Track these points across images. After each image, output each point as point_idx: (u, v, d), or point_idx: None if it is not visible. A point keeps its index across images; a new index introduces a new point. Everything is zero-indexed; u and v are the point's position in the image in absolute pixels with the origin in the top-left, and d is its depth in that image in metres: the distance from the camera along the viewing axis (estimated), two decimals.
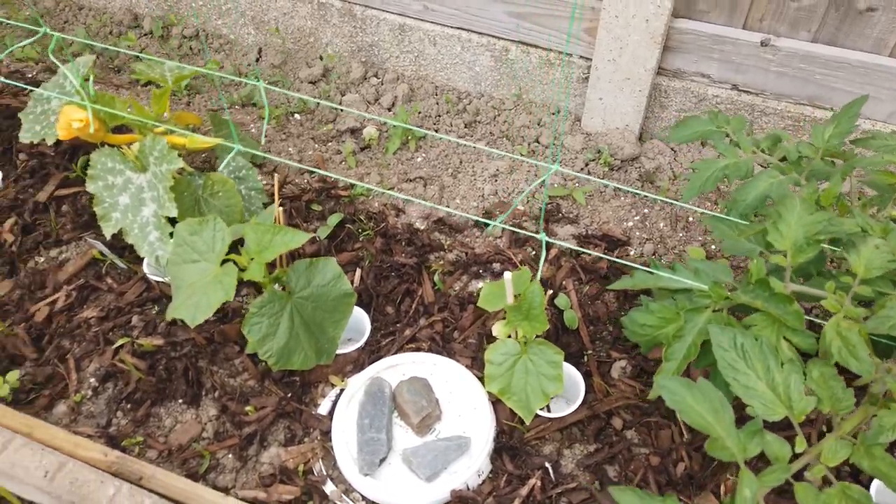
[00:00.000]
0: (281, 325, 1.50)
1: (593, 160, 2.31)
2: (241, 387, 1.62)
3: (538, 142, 2.39)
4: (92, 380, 1.62)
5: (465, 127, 2.47)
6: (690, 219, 2.06)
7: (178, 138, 1.86)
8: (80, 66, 1.89)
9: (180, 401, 1.59)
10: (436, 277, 1.85)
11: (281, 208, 1.56)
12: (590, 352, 1.68)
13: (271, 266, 1.53)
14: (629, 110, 2.34)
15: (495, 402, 1.58)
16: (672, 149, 2.39)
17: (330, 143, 2.36)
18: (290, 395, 1.60)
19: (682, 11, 2.17)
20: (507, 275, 1.42)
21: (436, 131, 2.47)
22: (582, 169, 2.29)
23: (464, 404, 1.58)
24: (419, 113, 2.50)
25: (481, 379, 1.63)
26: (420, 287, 1.83)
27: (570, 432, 1.54)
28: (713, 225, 1.46)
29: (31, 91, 1.91)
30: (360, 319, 1.74)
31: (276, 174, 1.64)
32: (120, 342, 1.66)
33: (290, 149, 2.29)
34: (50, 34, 1.46)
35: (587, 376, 1.63)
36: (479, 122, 2.49)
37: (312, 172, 2.19)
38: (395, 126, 2.37)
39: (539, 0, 2.28)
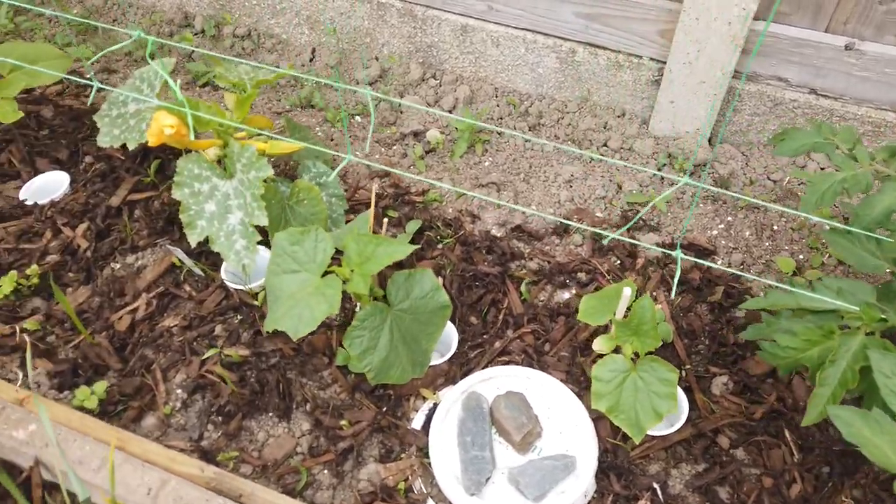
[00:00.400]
0: (381, 338, 1.46)
1: (665, 165, 2.26)
2: (332, 400, 1.58)
3: (606, 146, 2.34)
4: (180, 391, 1.58)
5: (530, 130, 2.42)
6: (775, 227, 2.01)
7: (259, 143, 1.81)
8: (160, 69, 1.84)
9: (272, 414, 1.55)
10: (522, 287, 1.80)
11: (376, 217, 1.52)
12: (687, 367, 1.63)
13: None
14: (702, 114, 2.29)
15: (596, 419, 1.53)
16: (743, 153, 2.34)
17: (395, 147, 2.32)
18: (384, 408, 1.56)
19: (762, 14, 2.12)
20: (627, 290, 1.37)
21: (499, 134, 2.42)
22: (654, 175, 2.24)
23: (564, 421, 1.54)
24: (481, 116, 2.45)
25: (579, 394, 1.59)
26: (505, 297, 1.79)
27: (675, 451, 1.50)
28: (831, 240, 1.41)
29: (100, 91, 1.87)
30: (447, 331, 1.70)
31: (374, 182, 1.59)
32: (209, 353, 1.62)
33: (356, 152, 2.25)
34: (144, 37, 1.41)
35: (687, 392, 1.58)
36: (543, 124, 2.44)
37: (384, 177, 2.15)
38: (460, 130, 2.33)
39: (611, 1, 2.23)
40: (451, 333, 1.70)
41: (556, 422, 1.54)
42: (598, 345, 1.53)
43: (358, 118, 2.46)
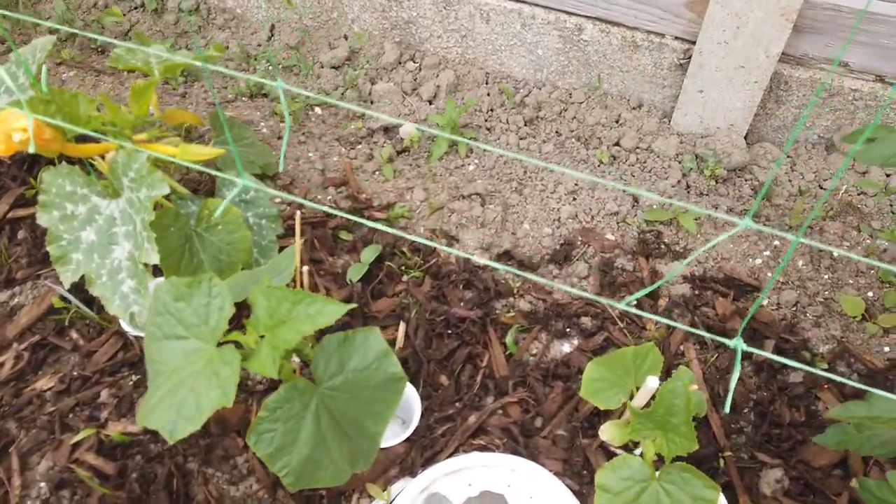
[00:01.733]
0: (303, 430, 1.04)
1: (693, 170, 1.82)
2: (246, 500, 1.17)
3: (619, 145, 1.90)
4: (43, 485, 1.18)
5: (526, 125, 1.99)
6: (835, 254, 1.57)
7: (167, 148, 1.39)
8: (36, 52, 1.42)
9: None
10: (508, 338, 1.38)
11: (305, 267, 1.10)
12: (727, 453, 1.21)
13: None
14: (738, 106, 1.84)
15: None
16: (788, 156, 1.90)
17: (359, 146, 1.89)
18: None
19: None
20: (653, 380, 0.95)
21: (489, 130, 1.99)
22: (678, 182, 1.80)
23: None
24: (468, 108, 2.02)
25: (580, 494, 1.18)
26: (486, 350, 1.37)
27: None
28: None
29: None
30: (407, 395, 1.29)
31: (298, 212, 1.17)
32: (83, 434, 1.21)
33: (310, 153, 1.82)
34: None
35: (726, 490, 1.16)
36: (543, 118, 2.00)
37: (340, 186, 1.72)
38: (440, 125, 1.89)
39: None
40: (411, 399, 1.28)
41: None
42: (608, 433, 1.11)
43: (318, 110, 2.03)
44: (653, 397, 1.02)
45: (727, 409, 0.72)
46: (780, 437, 1.22)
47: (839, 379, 0.67)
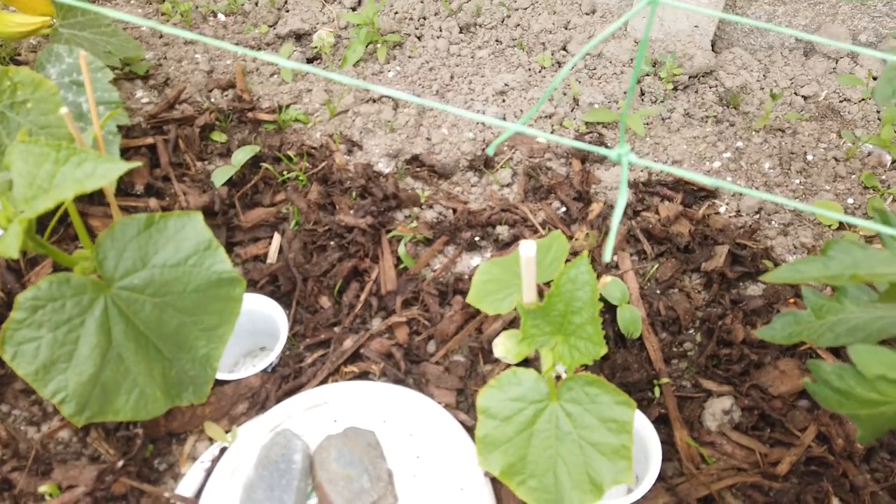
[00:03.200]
0: (82, 342, 0.78)
1: (649, 74, 1.55)
2: (43, 443, 0.91)
3: (566, 49, 1.64)
4: None
5: (461, 31, 1.72)
6: (809, 156, 1.31)
7: None
8: None
9: None
10: (401, 249, 1.12)
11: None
12: (664, 381, 0.96)
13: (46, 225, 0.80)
14: (703, 2, 1.58)
15: (498, 480, 0.87)
16: (759, 60, 1.64)
17: (261, 52, 1.61)
18: (125, 459, 0.89)
19: None
20: (525, 245, 0.69)
21: (418, 38, 1.71)
22: (625, 88, 1.53)
23: (440, 480, 0.87)
24: (395, 14, 1.75)
25: (473, 429, 0.92)
26: (377, 265, 1.11)
27: None
28: None
29: None
30: (274, 318, 1.03)
31: (83, 52, 0.90)
32: None
33: (197, 55, 1.54)
34: None
35: (661, 425, 0.91)
36: (481, 24, 1.73)
37: (227, 89, 1.45)
38: (356, 26, 1.62)
39: None
40: (278, 320, 1.02)
41: (428, 484, 0.87)
42: (501, 348, 0.86)
43: (222, 17, 1.75)
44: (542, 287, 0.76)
45: (607, 256, 0.46)
46: (729, 359, 0.96)
47: None
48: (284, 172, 1.25)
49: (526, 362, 0.95)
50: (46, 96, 1.03)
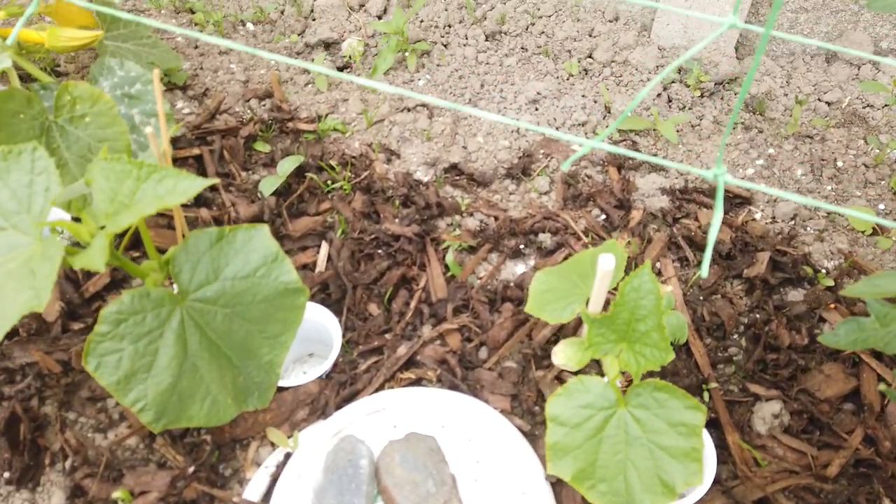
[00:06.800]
0: (161, 353, 0.80)
1: (675, 81, 1.58)
2: (113, 449, 0.94)
3: (592, 57, 1.66)
4: None
5: (487, 39, 1.74)
6: (840, 162, 1.34)
7: (32, 33, 1.15)
8: None
9: (5, 476, 0.91)
10: (448, 257, 1.14)
11: (174, 149, 0.86)
12: (712, 385, 0.98)
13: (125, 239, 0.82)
14: (728, 9, 1.60)
15: (559, 484, 0.89)
16: (782, 67, 1.66)
17: (299, 60, 1.64)
18: (194, 465, 0.91)
19: None
20: (604, 258, 0.71)
21: (445, 46, 1.74)
22: (659, 95, 1.56)
23: (502, 485, 0.89)
24: (421, 22, 1.77)
25: (531, 436, 0.95)
26: (424, 273, 1.13)
27: None
28: None
29: None
30: (326, 326, 1.05)
31: (156, 70, 0.92)
32: None
33: (232, 65, 1.57)
34: None
35: (711, 428, 0.94)
36: (507, 32, 1.76)
37: (263, 99, 1.47)
38: (386, 34, 1.65)
39: None
40: (331, 329, 1.05)
41: (489, 487, 0.89)
42: (562, 355, 0.88)
43: (250, 26, 1.77)
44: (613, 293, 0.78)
45: (704, 272, 0.49)
46: (777, 364, 0.99)
47: None
48: (329, 182, 1.27)
49: (581, 373, 0.97)
50: (104, 110, 1.05)
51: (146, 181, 0.76)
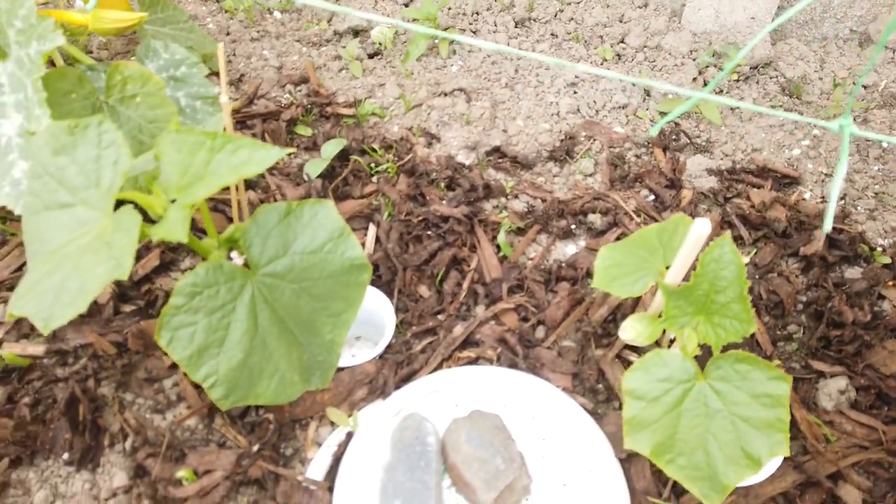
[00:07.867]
0: (233, 327, 0.79)
1: (711, 66, 1.57)
2: (173, 430, 0.92)
3: (624, 42, 1.66)
4: None
5: (517, 26, 1.73)
6: (885, 145, 1.33)
7: (73, 15, 1.13)
8: None
9: (65, 457, 0.89)
10: (500, 238, 1.13)
11: (230, 117, 0.85)
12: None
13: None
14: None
15: (627, 460, 0.88)
16: (814, 51, 1.66)
17: (324, 48, 1.63)
18: (258, 444, 0.90)
19: None
20: (700, 222, 0.70)
21: (474, 33, 1.73)
22: (695, 79, 1.55)
23: (569, 462, 0.88)
24: (449, 9, 1.76)
25: (595, 413, 0.94)
26: (474, 254, 1.12)
27: None
28: None
29: None
30: (377, 307, 1.04)
31: (221, 43, 0.91)
32: None
33: (264, 52, 1.55)
34: None
35: None
36: (536, 19, 1.75)
37: (299, 84, 1.46)
38: (419, 20, 1.64)
39: None
40: (383, 311, 1.04)
41: (556, 464, 0.88)
42: (631, 330, 0.87)
43: (278, 14, 1.76)
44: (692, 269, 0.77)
45: (828, 225, 0.48)
46: (841, 340, 0.98)
47: None
48: (373, 165, 1.26)
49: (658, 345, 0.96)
50: (154, 91, 1.04)
51: (220, 152, 0.75)
